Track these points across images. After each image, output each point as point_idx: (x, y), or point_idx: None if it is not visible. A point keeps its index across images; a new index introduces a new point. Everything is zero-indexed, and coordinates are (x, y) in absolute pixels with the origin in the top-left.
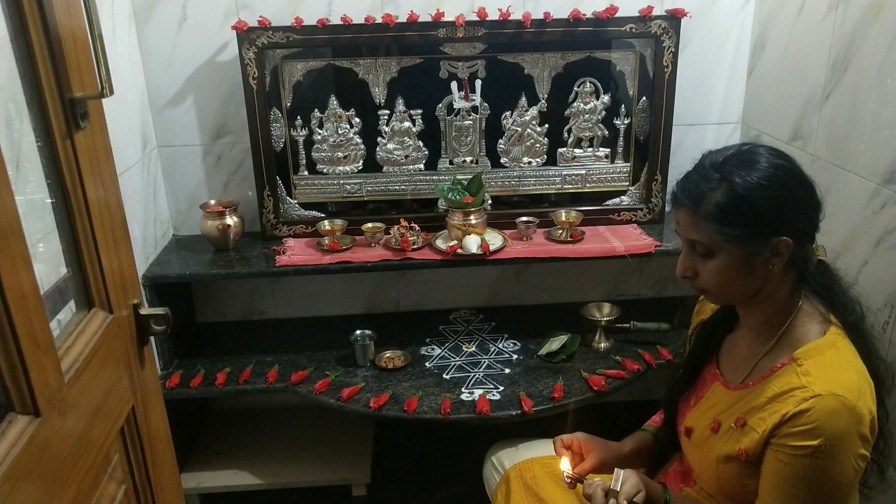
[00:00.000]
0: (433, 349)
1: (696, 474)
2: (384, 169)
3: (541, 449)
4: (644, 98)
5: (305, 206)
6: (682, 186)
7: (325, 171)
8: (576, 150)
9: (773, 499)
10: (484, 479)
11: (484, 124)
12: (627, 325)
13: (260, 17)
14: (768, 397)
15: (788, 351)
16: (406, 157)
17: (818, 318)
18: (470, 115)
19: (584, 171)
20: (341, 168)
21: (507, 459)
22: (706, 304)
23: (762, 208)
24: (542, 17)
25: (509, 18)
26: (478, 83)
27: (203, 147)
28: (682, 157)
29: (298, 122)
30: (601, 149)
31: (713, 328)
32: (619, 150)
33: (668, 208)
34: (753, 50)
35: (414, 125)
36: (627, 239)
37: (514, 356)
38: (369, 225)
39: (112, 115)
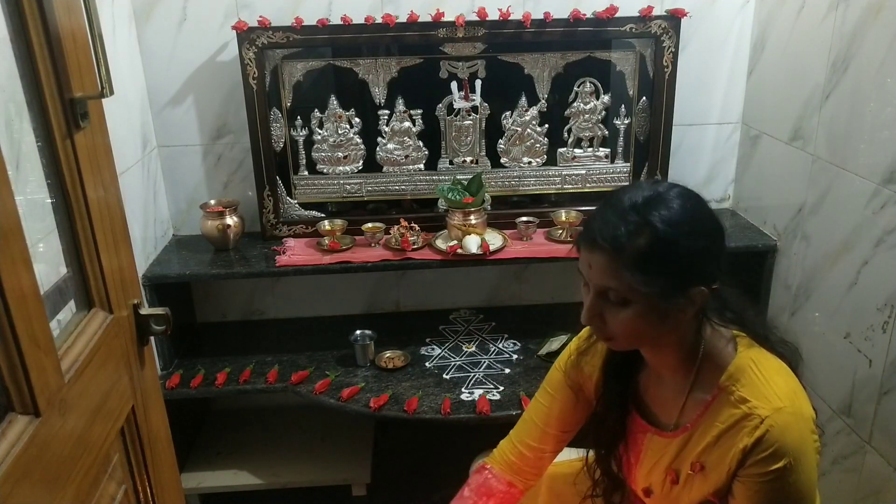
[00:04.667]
0: (433, 349)
1: None
2: (384, 169)
3: None
4: (644, 98)
5: (305, 206)
6: (599, 229)
7: (325, 171)
8: (576, 150)
9: None
10: None
11: (484, 124)
12: None
13: (260, 17)
14: (715, 435)
15: (712, 381)
16: (406, 157)
17: (724, 338)
18: (470, 115)
19: (584, 171)
20: (341, 168)
21: None
22: (587, 351)
23: (683, 258)
24: (542, 17)
25: (509, 18)
26: (478, 83)
27: (203, 147)
28: (682, 157)
29: (298, 122)
30: (601, 149)
31: (619, 373)
32: (619, 150)
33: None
34: (753, 50)
35: (414, 125)
36: None
37: (514, 356)
38: (369, 225)
39: (112, 115)
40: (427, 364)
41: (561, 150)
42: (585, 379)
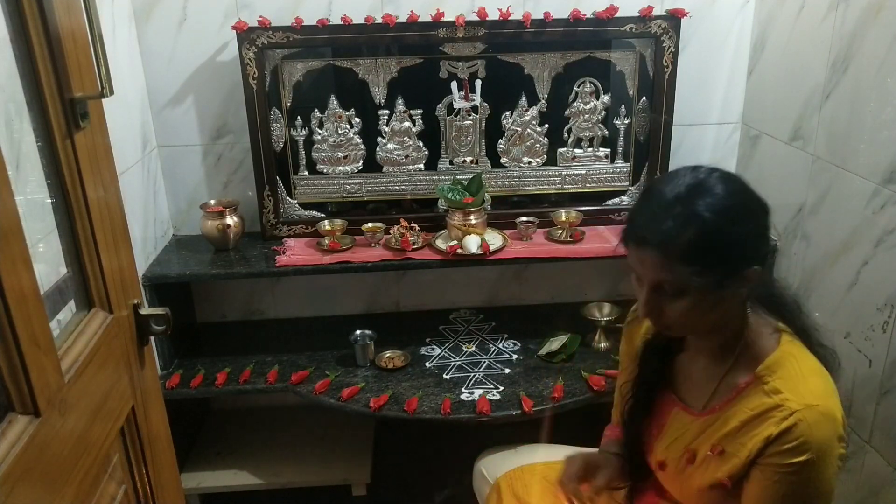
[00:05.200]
0: (433, 349)
1: (678, 499)
2: (384, 169)
3: (529, 456)
4: (644, 98)
5: (305, 206)
6: (645, 224)
7: (325, 171)
8: (576, 150)
9: None
10: (474, 489)
11: (484, 124)
12: None
13: (260, 17)
14: (742, 421)
15: (749, 368)
16: (406, 157)
17: (768, 328)
18: (470, 115)
19: (584, 171)
20: (341, 168)
21: (496, 468)
22: (638, 326)
23: (735, 244)
24: (542, 17)
25: (509, 18)
26: (478, 83)
27: (203, 147)
28: (682, 158)
29: (298, 122)
30: (601, 149)
31: (661, 351)
32: (619, 150)
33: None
34: (753, 50)
35: (414, 125)
36: None
37: (514, 356)
38: (369, 225)
39: (112, 115)
40: (427, 364)
41: (561, 150)
42: (634, 349)
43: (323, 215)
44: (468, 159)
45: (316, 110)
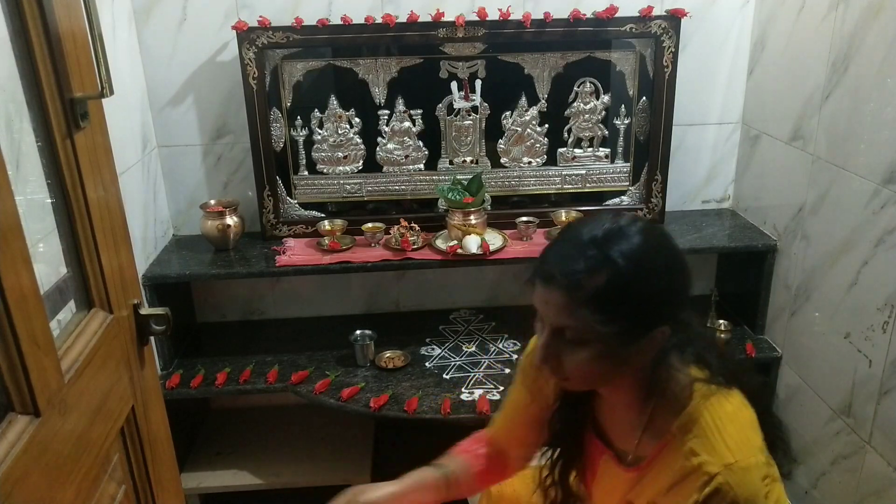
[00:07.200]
0: (433, 349)
1: None
2: (384, 169)
3: None
4: (644, 98)
5: (305, 206)
6: (556, 263)
7: (325, 171)
8: (576, 150)
9: None
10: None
11: (484, 124)
12: None
13: (260, 17)
14: (668, 485)
15: (665, 424)
16: (406, 157)
17: (682, 381)
18: (470, 115)
19: (584, 171)
20: (341, 168)
21: None
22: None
23: (645, 298)
24: (542, 17)
25: (509, 18)
26: (478, 83)
27: (203, 147)
28: (682, 157)
29: (298, 122)
30: (601, 149)
31: (572, 403)
32: (619, 150)
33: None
34: (753, 50)
35: (414, 125)
36: None
37: (514, 356)
38: (369, 225)
39: (112, 115)
40: (427, 364)
41: (561, 150)
42: (543, 384)
43: (323, 215)
44: (468, 159)
45: (316, 110)
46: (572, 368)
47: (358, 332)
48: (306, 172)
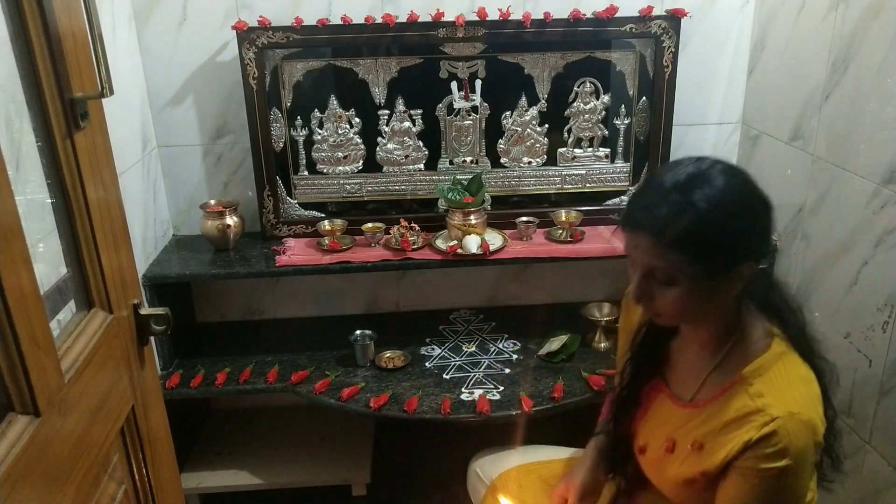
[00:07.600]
0: (433, 349)
1: (655, 485)
2: (384, 169)
3: (524, 456)
4: (644, 98)
5: (305, 206)
6: (641, 210)
7: (325, 171)
8: (576, 150)
9: None
10: (468, 490)
11: (484, 124)
12: None
13: (260, 17)
14: (724, 422)
15: (737, 367)
16: (406, 157)
17: (761, 330)
18: (470, 115)
19: (584, 171)
20: (341, 168)
21: (491, 468)
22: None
23: (729, 238)
24: (542, 17)
25: (509, 18)
26: (478, 83)
27: (203, 147)
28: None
29: (298, 122)
30: (601, 149)
31: (654, 337)
32: (619, 150)
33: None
34: (753, 50)
35: (414, 125)
36: None
37: (514, 356)
38: (369, 225)
39: (112, 115)
40: (427, 364)
41: (561, 150)
42: (631, 325)
43: (323, 215)
44: (468, 159)
45: (316, 110)
46: (664, 305)
47: (358, 332)
48: (306, 172)
